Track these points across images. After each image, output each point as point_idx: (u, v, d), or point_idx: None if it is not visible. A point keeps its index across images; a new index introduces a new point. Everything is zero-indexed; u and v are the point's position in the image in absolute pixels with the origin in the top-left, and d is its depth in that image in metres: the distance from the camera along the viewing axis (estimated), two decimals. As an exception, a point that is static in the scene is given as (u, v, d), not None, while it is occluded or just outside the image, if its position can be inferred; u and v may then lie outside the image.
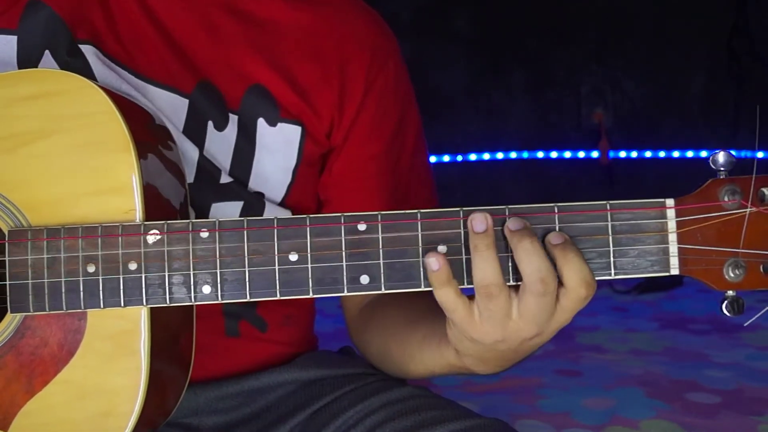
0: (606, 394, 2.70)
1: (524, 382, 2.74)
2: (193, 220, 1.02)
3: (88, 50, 1.21)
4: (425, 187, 1.37)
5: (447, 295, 0.98)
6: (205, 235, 1.01)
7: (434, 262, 0.97)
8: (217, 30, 1.25)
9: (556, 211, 0.99)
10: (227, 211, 1.23)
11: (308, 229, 1.00)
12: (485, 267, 0.96)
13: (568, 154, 4.30)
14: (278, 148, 1.27)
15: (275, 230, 1.00)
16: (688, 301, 3.67)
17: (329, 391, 1.25)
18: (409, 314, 1.21)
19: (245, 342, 1.29)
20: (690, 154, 4.19)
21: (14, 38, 1.20)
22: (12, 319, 1.05)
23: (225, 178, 1.24)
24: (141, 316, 1.02)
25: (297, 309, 1.35)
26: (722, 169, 0.98)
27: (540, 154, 4.31)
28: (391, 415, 1.15)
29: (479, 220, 0.96)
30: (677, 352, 3.12)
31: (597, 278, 0.98)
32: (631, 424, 2.47)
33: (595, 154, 4.27)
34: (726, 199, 0.97)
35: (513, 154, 4.33)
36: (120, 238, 1.02)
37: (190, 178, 1.19)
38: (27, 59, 1.20)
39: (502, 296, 0.97)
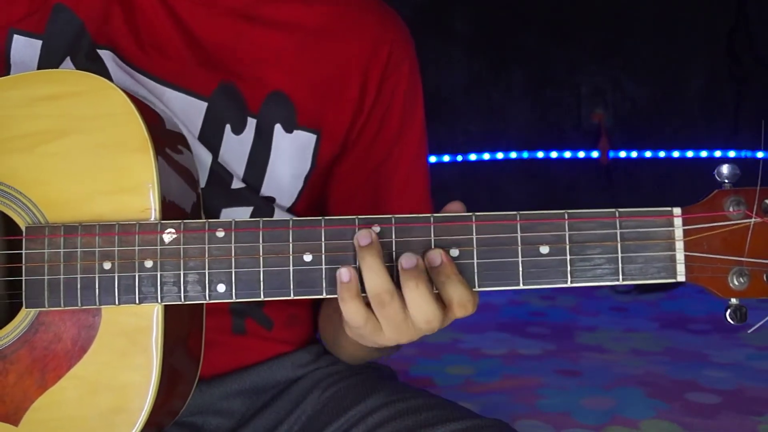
0: (606, 394, 2.70)
1: (524, 382, 2.74)
2: (210, 220, 1.03)
3: (106, 55, 1.22)
4: (417, 191, 1.37)
5: (356, 308, 0.99)
6: (221, 234, 1.02)
7: (345, 273, 0.98)
8: (241, 36, 1.26)
9: (566, 217, 1.00)
10: (237, 216, 1.24)
11: (323, 230, 1.01)
12: (374, 277, 0.98)
13: (568, 154, 4.30)
14: (292, 155, 1.28)
15: (290, 231, 1.01)
16: (688, 301, 3.67)
17: (331, 384, 1.27)
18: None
19: (251, 340, 1.31)
20: (690, 154, 4.19)
21: (39, 42, 1.22)
22: (27, 315, 1.05)
23: (237, 184, 1.25)
24: (154, 313, 1.03)
25: (301, 309, 1.36)
26: (726, 181, 1.00)
27: (540, 154, 4.31)
28: (392, 415, 1.16)
29: (364, 235, 0.98)
30: (677, 352, 3.11)
31: (605, 284, 1.00)
32: (631, 424, 2.46)
33: (595, 154, 4.28)
34: (731, 209, 0.99)
35: (513, 154, 4.33)
36: (136, 236, 1.03)
37: (201, 182, 1.20)
38: (48, 64, 1.21)
39: (394, 302, 0.98)
